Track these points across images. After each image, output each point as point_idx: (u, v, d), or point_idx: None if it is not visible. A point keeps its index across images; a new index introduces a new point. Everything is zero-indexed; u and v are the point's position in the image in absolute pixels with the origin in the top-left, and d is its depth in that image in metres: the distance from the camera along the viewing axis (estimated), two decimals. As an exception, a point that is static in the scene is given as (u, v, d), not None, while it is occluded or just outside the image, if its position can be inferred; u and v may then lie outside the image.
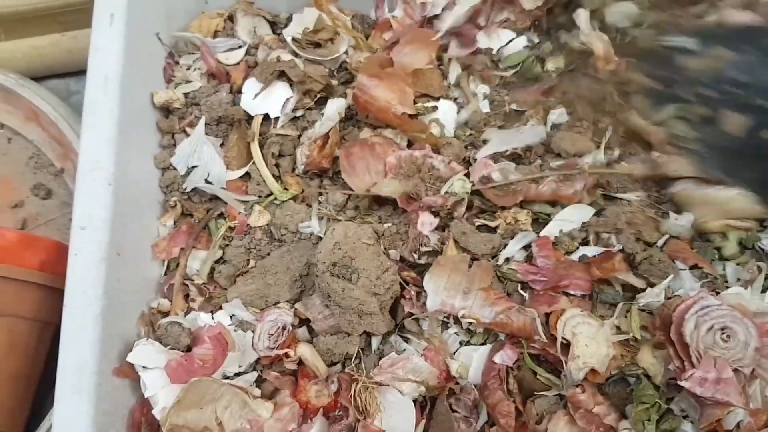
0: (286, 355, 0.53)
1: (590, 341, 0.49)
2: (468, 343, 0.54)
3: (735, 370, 0.46)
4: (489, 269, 0.54)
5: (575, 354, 0.48)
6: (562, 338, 0.49)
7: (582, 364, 0.48)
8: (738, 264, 0.53)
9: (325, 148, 0.60)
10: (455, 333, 0.54)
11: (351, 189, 0.58)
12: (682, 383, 0.45)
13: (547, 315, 0.51)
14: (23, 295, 0.55)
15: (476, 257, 0.54)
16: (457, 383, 0.53)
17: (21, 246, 0.55)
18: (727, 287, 0.51)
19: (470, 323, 0.53)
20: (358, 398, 0.51)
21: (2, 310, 0.54)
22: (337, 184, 0.61)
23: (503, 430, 0.49)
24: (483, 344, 0.54)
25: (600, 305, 0.52)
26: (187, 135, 0.63)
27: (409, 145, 0.59)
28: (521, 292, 0.53)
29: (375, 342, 0.55)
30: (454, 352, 0.54)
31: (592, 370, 0.49)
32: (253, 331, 0.55)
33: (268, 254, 0.59)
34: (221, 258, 0.60)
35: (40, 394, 0.62)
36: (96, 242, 0.51)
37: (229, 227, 0.60)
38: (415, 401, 0.51)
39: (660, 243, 0.53)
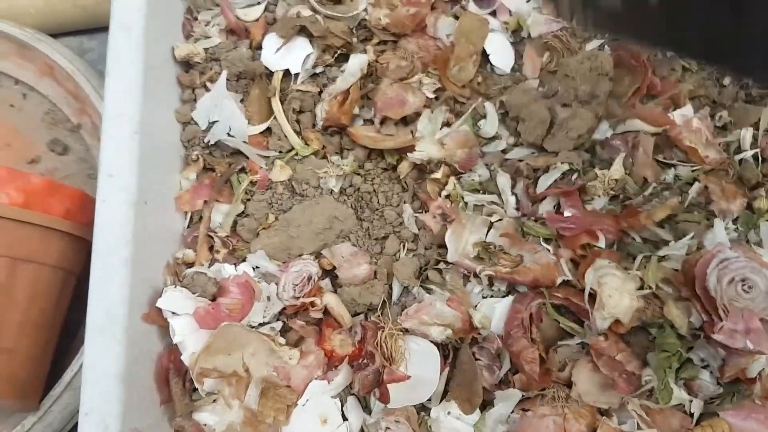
0: (312, 304, 0.53)
1: (614, 292, 0.49)
2: (491, 296, 0.55)
3: (761, 320, 0.47)
4: (511, 223, 0.54)
5: (601, 304, 0.49)
6: (590, 289, 0.50)
7: (607, 314, 0.49)
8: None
9: (345, 104, 0.60)
10: (478, 285, 0.55)
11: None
12: (714, 336, 0.46)
13: (576, 264, 0.52)
14: (48, 242, 0.55)
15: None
16: (480, 333, 0.53)
17: (46, 192, 0.55)
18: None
19: (490, 276, 0.54)
20: (383, 345, 0.51)
21: (27, 257, 0.54)
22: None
23: (528, 376, 0.50)
24: (505, 296, 0.54)
25: (627, 258, 0.53)
26: (208, 90, 0.62)
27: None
28: (545, 245, 0.54)
29: (396, 293, 0.56)
30: (476, 305, 0.54)
31: (616, 321, 0.49)
32: (276, 283, 0.55)
33: (290, 209, 0.59)
34: (243, 212, 0.60)
35: (61, 345, 0.63)
36: (124, 188, 0.51)
37: (251, 182, 0.60)
38: (439, 346, 0.52)
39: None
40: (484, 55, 0.62)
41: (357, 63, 0.60)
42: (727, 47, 0.38)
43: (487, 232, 0.55)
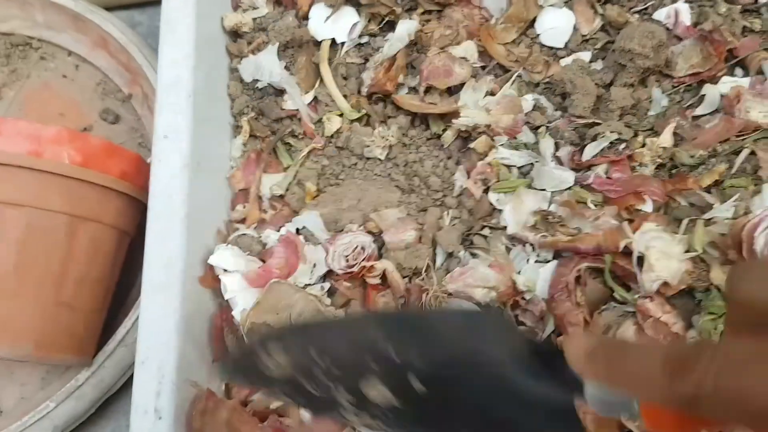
0: (371, 269, 0.54)
1: (661, 255, 0.49)
2: (535, 261, 0.55)
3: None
4: (571, 193, 0.55)
5: (650, 266, 0.49)
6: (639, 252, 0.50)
7: (655, 277, 0.49)
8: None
9: (391, 70, 0.61)
10: (522, 252, 0.55)
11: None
12: None
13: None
14: (106, 201, 0.57)
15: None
16: (524, 298, 0.54)
17: (105, 154, 0.56)
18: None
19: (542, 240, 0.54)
20: (428, 307, 0.52)
21: (86, 215, 0.56)
22: (402, 109, 0.62)
23: (572, 338, 0.50)
24: (548, 262, 0.55)
25: (673, 222, 0.53)
26: (256, 60, 0.64)
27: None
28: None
29: (440, 258, 0.56)
30: (520, 270, 0.55)
31: (664, 283, 0.49)
32: (326, 250, 0.56)
33: (339, 179, 0.60)
34: (293, 179, 0.61)
35: (113, 304, 0.65)
36: (179, 150, 0.53)
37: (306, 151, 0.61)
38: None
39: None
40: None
41: (405, 29, 0.61)
42: None
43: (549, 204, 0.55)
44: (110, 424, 0.65)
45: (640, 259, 0.50)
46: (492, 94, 0.60)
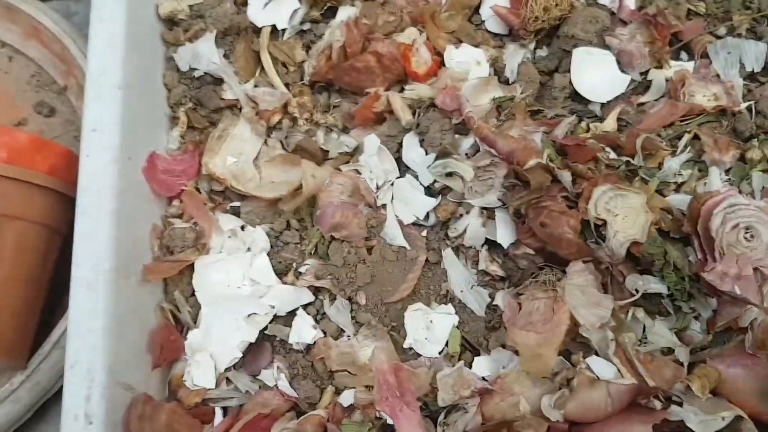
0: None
1: (629, 211, 0.49)
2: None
3: (755, 269, 0.47)
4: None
5: (615, 230, 0.48)
6: (597, 218, 0.49)
7: (623, 239, 0.48)
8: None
9: (332, 58, 0.59)
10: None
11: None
12: (703, 275, 0.46)
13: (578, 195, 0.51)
14: (33, 199, 0.55)
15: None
16: None
17: (32, 149, 0.54)
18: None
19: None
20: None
21: (12, 213, 0.54)
22: (345, 97, 0.61)
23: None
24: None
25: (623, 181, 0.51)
26: (193, 49, 0.62)
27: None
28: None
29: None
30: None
31: (634, 243, 0.48)
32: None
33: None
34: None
35: (48, 305, 0.63)
36: (107, 144, 0.51)
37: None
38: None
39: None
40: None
41: (346, 15, 0.59)
42: None
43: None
44: (50, 428, 0.63)
45: (597, 227, 0.49)
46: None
